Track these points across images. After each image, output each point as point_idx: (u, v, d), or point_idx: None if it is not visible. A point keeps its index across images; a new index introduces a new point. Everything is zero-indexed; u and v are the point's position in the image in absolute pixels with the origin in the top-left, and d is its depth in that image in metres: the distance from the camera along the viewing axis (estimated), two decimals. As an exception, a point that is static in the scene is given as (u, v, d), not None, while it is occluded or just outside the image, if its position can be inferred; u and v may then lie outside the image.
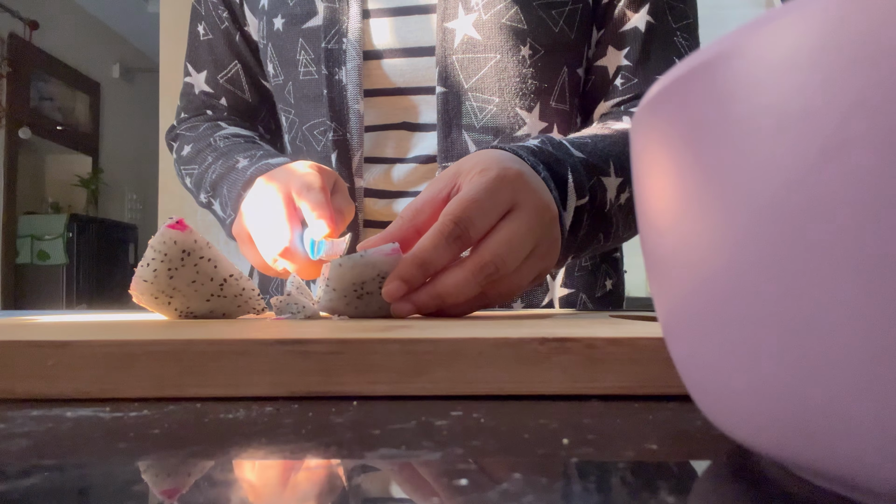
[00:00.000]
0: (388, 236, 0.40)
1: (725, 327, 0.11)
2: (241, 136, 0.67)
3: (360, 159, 0.60)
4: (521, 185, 0.39)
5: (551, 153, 0.46)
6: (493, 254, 0.37)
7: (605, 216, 0.50)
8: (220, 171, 0.60)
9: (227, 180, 0.59)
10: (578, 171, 0.47)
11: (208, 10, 0.70)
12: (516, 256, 0.38)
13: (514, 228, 0.38)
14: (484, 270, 0.37)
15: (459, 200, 0.37)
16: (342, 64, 0.59)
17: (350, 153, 0.60)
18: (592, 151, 0.50)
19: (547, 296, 0.63)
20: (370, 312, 0.39)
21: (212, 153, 0.64)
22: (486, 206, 0.37)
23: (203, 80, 0.71)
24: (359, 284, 0.37)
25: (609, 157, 0.51)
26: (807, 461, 0.10)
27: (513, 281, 0.40)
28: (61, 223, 4.04)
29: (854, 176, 0.08)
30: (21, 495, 0.11)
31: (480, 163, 0.40)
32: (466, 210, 0.37)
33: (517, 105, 0.59)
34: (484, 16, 0.57)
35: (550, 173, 0.45)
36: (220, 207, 0.61)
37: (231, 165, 0.59)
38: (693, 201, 0.11)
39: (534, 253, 0.40)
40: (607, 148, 0.51)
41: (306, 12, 0.61)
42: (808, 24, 0.09)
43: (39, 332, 0.23)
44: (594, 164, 0.49)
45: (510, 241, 0.38)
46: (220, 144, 0.65)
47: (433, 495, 0.11)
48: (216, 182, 0.61)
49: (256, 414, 0.18)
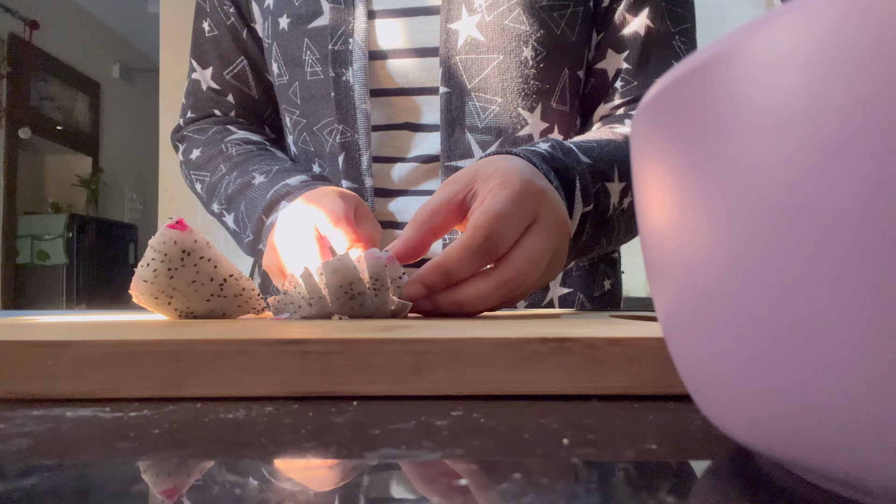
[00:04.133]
0: (406, 239, 0.41)
1: (725, 327, 0.11)
2: (252, 143, 0.68)
3: (368, 159, 0.60)
4: (543, 199, 0.40)
5: (562, 160, 0.47)
6: (518, 270, 0.38)
7: (607, 221, 0.51)
8: (236, 186, 0.61)
9: (245, 198, 0.59)
10: (586, 177, 0.48)
11: (213, 7, 0.70)
12: (537, 271, 0.39)
13: (536, 244, 0.39)
14: (508, 286, 0.38)
15: (488, 214, 0.38)
16: (349, 65, 0.60)
17: (358, 154, 0.60)
18: (599, 157, 0.51)
19: (548, 294, 0.64)
20: (367, 311, 0.39)
21: (224, 162, 0.64)
22: (515, 220, 0.38)
23: (210, 75, 0.71)
24: (346, 286, 0.37)
25: (614, 162, 0.51)
26: (807, 461, 0.10)
27: (525, 292, 0.40)
28: (61, 223, 4.05)
29: (854, 176, 0.08)
30: (21, 495, 0.11)
31: (499, 172, 0.41)
32: (496, 224, 0.38)
33: (519, 105, 0.59)
34: (487, 17, 0.58)
35: (560, 181, 0.46)
36: (233, 222, 0.61)
37: (247, 182, 0.60)
38: (693, 202, 0.11)
39: (547, 265, 0.41)
40: (612, 153, 0.52)
41: (312, 12, 0.61)
42: (807, 25, 0.09)
43: (39, 332, 0.23)
44: (600, 169, 0.50)
45: (534, 258, 0.39)
46: (233, 153, 0.65)
47: (433, 495, 0.11)
48: (232, 197, 0.61)
49: (256, 414, 0.18)
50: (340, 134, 0.60)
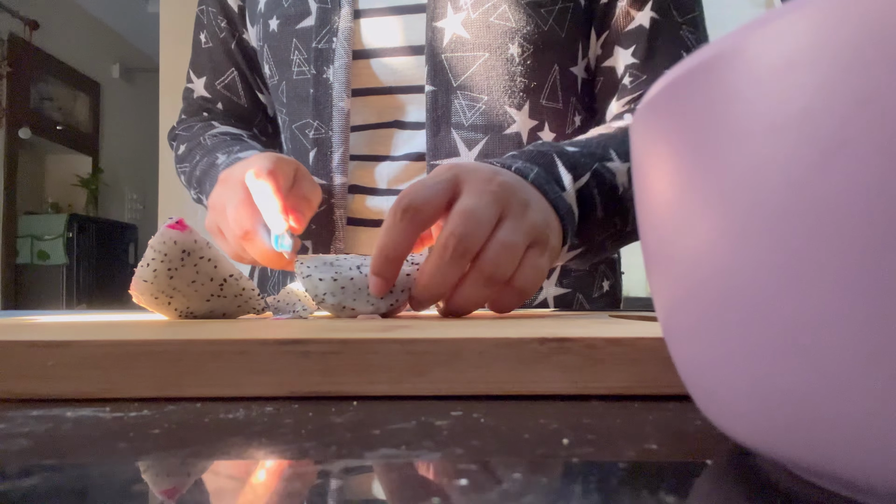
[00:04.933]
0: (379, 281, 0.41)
1: (725, 327, 0.11)
2: (228, 134, 0.69)
3: (341, 157, 0.60)
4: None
5: (532, 150, 0.47)
6: (492, 262, 0.38)
7: (619, 199, 0.49)
8: (203, 167, 0.63)
9: (209, 177, 0.61)
10: (567, 154, 0.47)
11: (209, 20, 0.73)
12: (512, 256, 0.38)
13: (505, 235, 0.39)
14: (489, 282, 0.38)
15: (458, 215, 0.38)
16: (331, 63, 0.60)
17: (330, 150, 0.61)
18: (586, 144, 0.50)
19: (541, 294, 0.64)
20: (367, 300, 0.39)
21: (199, 151, 0.67)
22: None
23: (202, 85, 0.75)
24: (328, 281, 0.38)
25: (608, 147, 0.51)
26: (807, 461, 0.10)
27: (525, 274, 0.39)
28: (61, 223, 4.04)
29: (854, 176, 0.08)
30: (21, 495, 0.11)
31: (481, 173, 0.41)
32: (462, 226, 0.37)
33: (506, 103, 0.59)
34: (472, 14, 0.58)
35: (535, 163, 0.45)
36: (206, 204, 0.63)
37: (212, 162, 0.62)
38: (693, 201, 0.11)
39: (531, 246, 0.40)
40: (604, 141, 0.52)
41: (300, 13, 0.62)
42: (808, 25, 0.09)
43: (39, 332, 0.23)
44: (591, 152, 0.49)
45: (505, 246, 0.38)
46: (208, 142, 0.67)
47: (433, 495, 0.11)
48: (200, 179, 0.64)
49: (256, 414, 0.18)
50: (314, 130, 0.61)
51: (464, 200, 0.38)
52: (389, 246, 0.37)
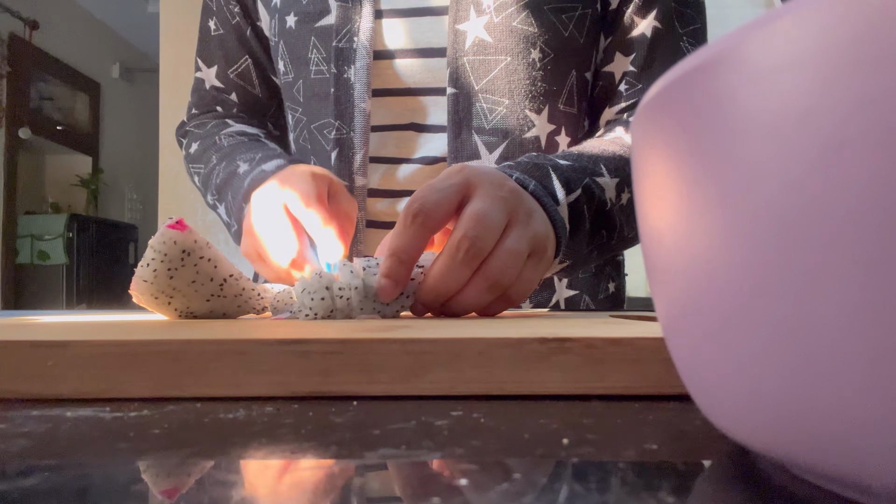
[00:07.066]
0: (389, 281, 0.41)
1: (725, 327, 0.11)
2: (245, 135, 0.68)
3: (363, 158, 0.60)
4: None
5: (527, 162, 0.48)
6: (497, 269, 0.38)
7: (606, 214, 0.50)
8: (224, 175, 0.62)
9: (231, 187, 0.60)
10: (561, 168, 0.48)
11: (220, 6, 0.71)
12: (516, 265, 0.39)
13: (511, 243, 0.39)
14: (492, 290, 0.38)
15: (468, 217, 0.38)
16: (352, 63, 0.60)
17: (352, 152, 0.60)
18: (578, 158, 0.51)
19: (554, 296, 0.64)
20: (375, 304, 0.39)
21: (216, 153, 0.65)
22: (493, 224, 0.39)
23: (213, 74, 0.72)
24: (323, 291, 0.38)
25: (599, 160, 0.51)
26: (807, 461, 0.10)
27: (523, 281, 0.40)
28: (61, 223, 4.04)
29: (854, 176, 0.08)
30: (21, 495, 0.11)
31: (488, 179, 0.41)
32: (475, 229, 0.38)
33: (527, 107, 0.59)
34: (495, 19, 0.58)
35: (531, 176, 0.46)
36: (224, 213, 0.62)
37: (233, 171, 0.61)
38: (693, 202, 0.11)
39: (530, 256, 0.41)
40: (596, 154, 0.52)
41: (319, 11, 0.61)
42: (808, 25, 0.09)
43: (39, 332, 0.23)
44: (583, 166, 0.50)
45: (510, 254, 0.39)
46: (224, 143, 0.66)
47: (433, 495, 0.11)
48: (221, 187, 0.62)
49: (256, 414, 0.18)
50: (336, 130, 0.61)
51: (476, 203, 0.38)
52: (401, 249, 0.37)
